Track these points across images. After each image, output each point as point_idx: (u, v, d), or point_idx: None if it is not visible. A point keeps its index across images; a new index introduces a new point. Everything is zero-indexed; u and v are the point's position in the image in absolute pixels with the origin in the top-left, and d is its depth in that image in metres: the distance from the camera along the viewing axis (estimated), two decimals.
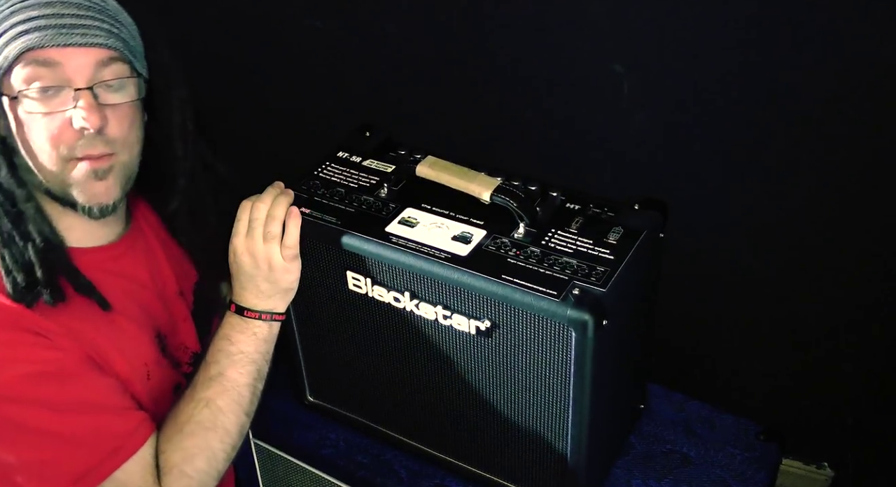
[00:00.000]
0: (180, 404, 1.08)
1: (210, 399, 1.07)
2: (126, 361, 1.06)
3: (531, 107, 1.38)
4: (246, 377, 1.10)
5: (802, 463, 1.53)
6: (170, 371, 1.15)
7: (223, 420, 1.07)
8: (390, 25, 1.40)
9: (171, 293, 1.18)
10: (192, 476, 1.04)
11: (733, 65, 1.19)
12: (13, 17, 0.96)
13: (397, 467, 1.26)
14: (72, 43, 0.96)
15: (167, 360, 1.15)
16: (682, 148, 1.30)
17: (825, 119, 1.17)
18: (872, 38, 1.09)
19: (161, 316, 1.15)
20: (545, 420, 1.07)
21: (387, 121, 1.28)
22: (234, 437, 1.08)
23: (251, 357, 1.11)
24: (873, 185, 1.20)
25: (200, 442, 1.05)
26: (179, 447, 1.04)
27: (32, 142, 0.99)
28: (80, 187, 1.01)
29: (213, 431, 1.06)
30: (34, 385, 0.97)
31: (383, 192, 1.13)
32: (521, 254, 1.02)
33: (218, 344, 1.11)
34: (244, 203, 1.09)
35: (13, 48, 0.95)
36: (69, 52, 0.97)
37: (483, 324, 1.02)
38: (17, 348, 0.97)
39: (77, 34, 0.96)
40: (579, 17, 1.25)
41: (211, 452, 1.05)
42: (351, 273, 1.09)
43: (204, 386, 1.08)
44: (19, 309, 0.97)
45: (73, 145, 0.99)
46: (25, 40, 0.95)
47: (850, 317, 1.34)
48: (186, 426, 1.05)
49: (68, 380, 0.99)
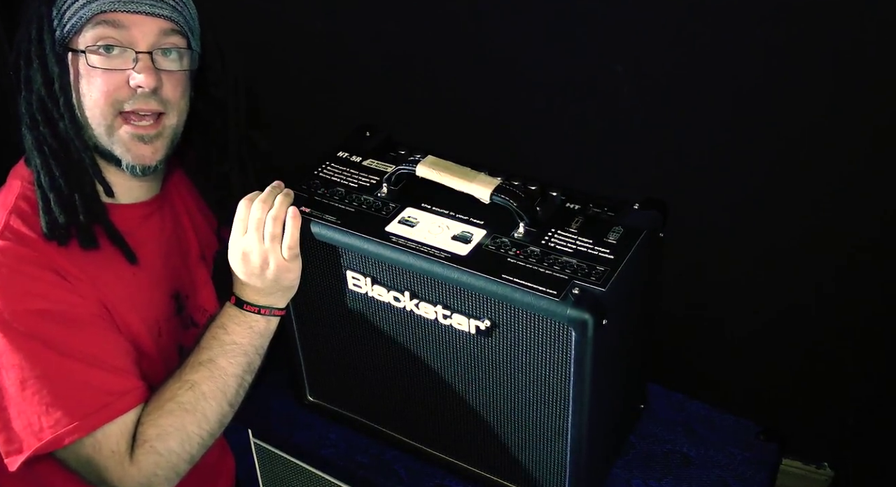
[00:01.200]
0: (168, 381, 1.09)
1: (195, 382, 1.08)
2: (140, 317, 1.11)
3: (531, 107, 1.38)
4: (235, 367, 1.10)
5: (802, 463, 1.53)
6: (180, 331, 1.19)
7: (204, 405, 1.07)
8: (390, 25, 1.40)
9: (195, 256, 1.24)
10: (162, 454, 1.04)
11: (734, 64, 1.19)
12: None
13: (397, 467, 1.26)
14: (140, 10, 1.05)
15: (180, 320, 1.19)
16: (682, 148, 1.30)
17: (826, 119, 1.17)
18: (873, 38, 1.09)
19: (182, 276, 1.21)
20: (545, 421, 1.07)
21: (386, 122, 1.28)
22: (212, 424, 1.08)
23: (244, 348, 1.11)
24: (874, 185, 1.20)
25: (177, 423, 1.05)
26: (156, 423, 1.05)
27: (90, 95, 1.06)
28: (125, 146, 1.09)
29: (191, 414, 1.06)
30: (44, 321, 1.01)
31: (383, 192, 1.13)
32: (521, 254, 1.02)
33: (213, 330, 1.12)
34: (244, 202, 1.09)
35: (87, 10, 1.04)
36: (137, 18, 1.05)
37: (483, 324, 1.02)
38: (38, 283, 1.02)
39: (146, 4, 1.06)
40: (580, 17, 1.25)
41: (186, 434, 1.06)
42: (351, 273, 1.09)
43: (192, 368, 1.09)
44: (48, 248, 1.03)
45: (125, 100, 1.06)
46: (100, 3, 1.04)
47: (850, 317, 1.34)
48: (167, 404, 1.06)
49: (77, 328, 1.03)
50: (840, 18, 1.09)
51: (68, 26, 1.05)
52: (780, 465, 1.28)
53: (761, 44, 1.16)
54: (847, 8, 1.08)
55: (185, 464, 1.07)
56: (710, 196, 1.30)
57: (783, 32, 1.14)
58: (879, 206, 1.21)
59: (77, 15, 1.05)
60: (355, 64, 1.48)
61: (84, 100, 1.07)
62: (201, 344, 1.11)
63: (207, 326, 1.13)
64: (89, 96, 1.07)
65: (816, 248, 1.29)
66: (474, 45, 1.36)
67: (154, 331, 1.13)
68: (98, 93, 1.06)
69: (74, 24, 1.05)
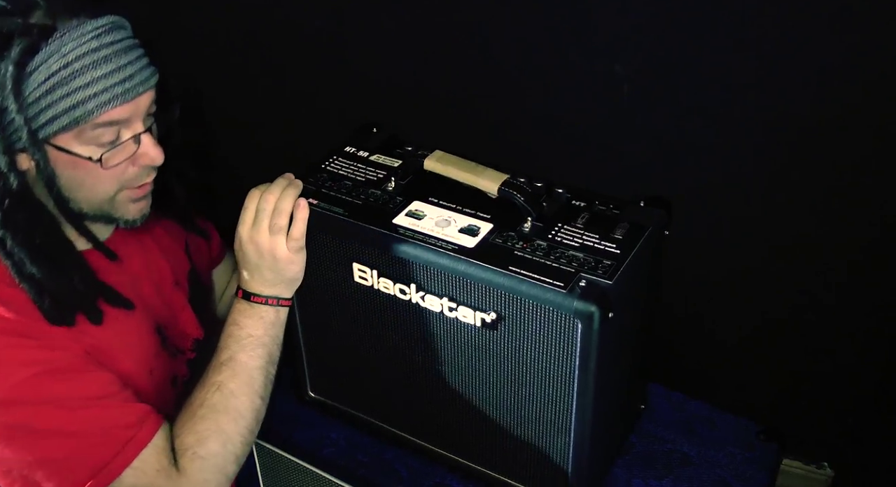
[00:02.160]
0: (194, 390, 1.09)
1: (222, 382, 1.08)
2: (131, 360, 1.08)
3: (533, 107, 1.39)
4: (256, 360, 1.10)
5: (802, 463, 1.52)
6: (170, 362, 1.17)
7: (235, 402, 1.08)
8: (395, 23, 1.41)
9: (168, 284, 1.20)
10: (206, 458, 1.04)
11: (734, 64, 1.20)
12: (71, 83, 0.94)
13: (398, 466, 1.25)
14: (136, 94, 0.99)
15: (167, 352, 1.16)
16: (683, 148, 1.31)
17: (827, 118, 1.18)
18: (874, 38, 1.11)
19: (159, 307, 1.17)
20: (549, 416, 1.07)
21: (391, 121, 1.29)
22: (248, 420, 1.09)
23: (261, 340, 1.11)
24: (875, 185, 1.21)
25: (212, 425, 1.05)
26: (192, 430, 1.05)
27: (89, 187, 1.01)
28: (123, 209, 1.06)
29: (224, 413, 1.06)
30: (41, 385, 0.98)
31: (391, 186, 1.13)
32: (527, 247, 1.03)
33: (227, 329, 1.12)
34: (252, 192, 1.09)
35: (85, 110, 0.95)
36: (133, 105, 0.99)
37: (489, 317, 1.03)
38: (20, 351, 0.98)
39: (139, 84, 0.99)
40: (581, 18, 1.26)
41: (224, 435, 1.06)
42: (357, 264, 1.10)
43: (216, 370, 1.09)
44: (18, 318, 0.98)
45: (132, 179, 1.04)
46: (94, 104, 0.95)
47: (850, 317, 1.34)
48: (199, 410, 1.06)
49: (74, 377, 1.00)
50: (843, 18, 1.10)
51: (45, 121, 0.95)
52: (780, 465, 1.28)
53: (763, 43, 1.17)
54: (849, 7, 1.09)
55: (231, 465, 1.07)
56: (711, 196, 1.31)
57: (784, 32, 1.15)
58: (881, 207, 1.22)
59: (66, 115, 0.95)
60: (358, 64, 1.49)
61: (83, 186, 1.01)
62: (219, 345, 1.12)
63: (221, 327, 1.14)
64: (89, 188, 1.01)
65: (817, 248, 1.29)
66: (477, 47, 1.37)
67: (146, 370, 1.11)
68: (105, 186, 1.02)
69: (61, 124, 0.95)
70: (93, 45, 0.95)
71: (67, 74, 0.93)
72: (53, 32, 0.93)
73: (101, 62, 0.95)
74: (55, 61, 0.93)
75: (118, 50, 0.97)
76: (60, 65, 0.93)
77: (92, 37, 0.95)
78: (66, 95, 0.94)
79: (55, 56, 0.93)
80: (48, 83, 0.93)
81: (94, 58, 0.95)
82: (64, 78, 0.93)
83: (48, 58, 0.93)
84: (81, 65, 0.94)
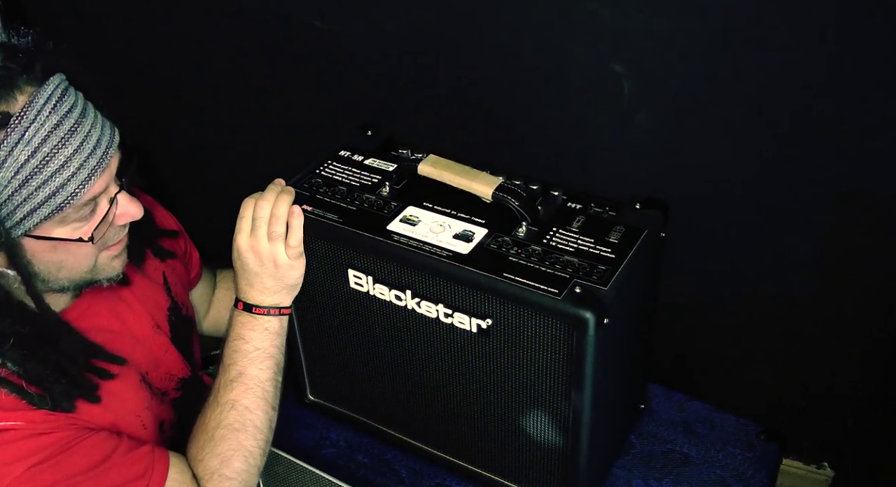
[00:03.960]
0: (206, 411, 1.09)
1: (235, 400, 1.08)
2: (120, 419, 1.03)
3: (532, 107, 1.38)
4: (266, 372, 1.10)
5: (802, 463, 1.53)
6: (158, 408, 1.12)
7: (251, 418, 1.08)
8: (391, 25, 1.40)
9: (147, 330, 1.13)
10: (233, 478, 1.05)
11: (734, 64, 1.19)
12: (45, 170, 0.87)
13: (398, 466, 1.26)
14: (110, 158, 0.93)
15: (156, 399, 1.12)
16: (683, 148, 1.30)
17: (826, 118, 1.18)
18: (874, 38, 1.09)
19: (140, 357, 1.11)
20: (546, 420, 1.07)
21: (388, 122, 1.28)
22: (265, 433, 1.09)
23: (268, 351, 1.11)
24: (874, 185, 1.20)
25: (234, 444, 1.06)
26: (214, 453, 1.05)
27: (67, 264, 0.96)
28: (106, 269, 1.01)
29: (243, 431, 1.07)
30: (38, 476, 0.93)
31: (385, 191, 1.13)
32: (522, 253, 1.02)
33: (232, 344, 1.11)
34: (247, 201, 1.09)
35: (60, 199, 0.89)
36: (109, 171, 0.94)
37: (484, 323, 1.02)
38: (9, 446, 0.92)
39: (108, 146, 0.92)
40: (580, 17, 1.25)
41: (246, 451, 1.06)
42: (352, 271, 1.09)
43: (226, 388, 1.08)
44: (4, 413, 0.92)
45: (111, 238, 0.99)
46: (75, 185, 0.89)
47: (850, 317, 1.34)
48: (217, 431, 1.06)
49: (68, 456, 0.95)
50: (843, 18, 1.09)
51: (24, 215, 0.88)
52: (780, 465, 1.28)
53: (762, 42, 1.16)
54: (849, 7, 1.08)
55: (254, 478, 1.08)
56: (711, 196, 1.30)
57: (784, 32, 1.14)
58: (880, 206, 1.21)
59: (47, 204, 0.88)
60: (357, 64, 1.48)
61: (59, 270, 0.95)
62: (225, 361, 1.11)
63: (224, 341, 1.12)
64: (69, 267, 0.96)
65: (817, 248, 1.29)
66: (475, 46, 1.36)
67: (138, 426, 1.06)
68: (86, 260, 0.97)
69: (42, 214, 0.89)
70: (53, 121, 0.87)
71: (38, 162, 0.86)
72: (9, 119, 0.85)
73: (68, 138, 0.88)
74: (21, 152, 0.85)
75: (77, 116, 0.90)
76: (28, 154, 0.86)
77: (50, 111, 0.87)
78: (42, 184, 0.87)
79: (19, 146, 0.85)
80: (19, 177, 0.86)
81: (60, 135, 0.87)
82: (36, 167, 0.86)
83: (12, 150, 0.85)
84: (50, 148, 0.87)
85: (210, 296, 1.40)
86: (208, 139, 1.70)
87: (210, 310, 1.40)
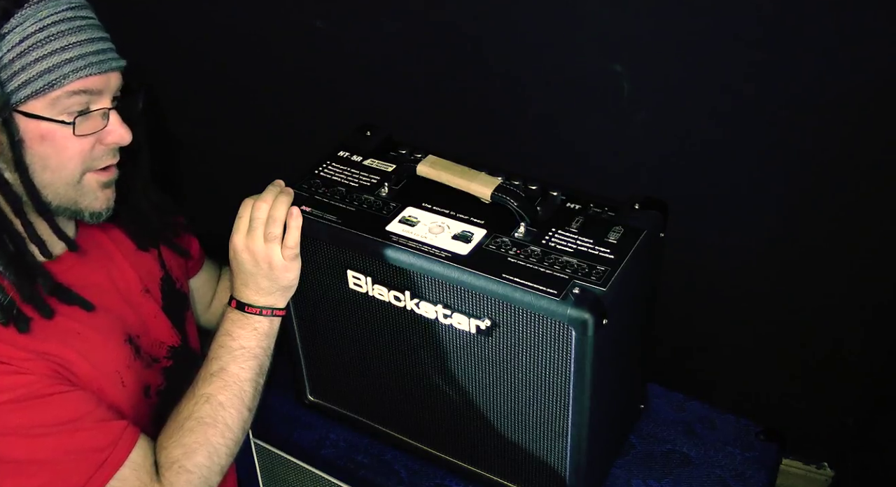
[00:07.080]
0: (182, 401, 1.08)
1: (211, 394, 1.08)
2: (98, 372, 1.05)
3: (531, 107, 1.38)
4: (247, 372, 1.10)
5: (802, 463, 1.53)
6: (143, 372, 1.14)
7: (224, 415, 1.07)
8: (390, 25, 1.40)
9: (136, 292, 1.17)
10: (193, 471, 1.04)
11: (734, 64, 1.19)
12: (46, 46, 0.94)
13: (397, 467, 1.26)
14: (109, 68, 1.00)
15: (141, 362, 1.13)
16: (682, 148, 1.30)
17: (826, 118, 1.17)
18: (875, 38, 1.09)
19: (129, 317, 1.13)
20: (545, 420, 1.07)
21: (387, 122, 1.28)
22: (235, 432, 1.08)
23: (252, 352, 1.11)
24: (874, 185, 1.20)
25: (200, 438, 1.05)
26: (180, 443, 1.04)
27: (53, 164, 0.99)
28: (91, 196, 1.04)
29: (213, 426, 1.06)
30: (6, 415, 0.95)
31: (384, 191, 1.13)
32: (521, 253, 1.02)
33: (219, 339, 1.11)
34: (246, 201, 1.09)
35: (56, 76, 0.95)
36: (105, 78, 1.00)
37: (483, 323, 1.02)
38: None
39: (111, 59, 1.00)
40: (580, 17, 1.25)
41: (212, 447, 1.06)
42: (351, 272, 1.09)
43: (205, 382, 1.09)
44: None
45: (98, 158, 1.02)
46: (73, 69, 0.96)
47: (850, 317, 1.34)
48: (187, 422, 1.06)
49: (40, 404, 0.97)
50: (844, 18, 1.09)
51: (18, 85, 0.94)
52: (780, 465, 1.28)
53: (763, 42, 1.16)
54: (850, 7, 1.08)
55: (216, 476, 1.07)
56: (711, 196, 1.30)
57: (784, 32, 1.14)
58: (880, 206, 1.21)
59: (41, 78, 0.94)
60: (355, 64, 1.48)
61: (51, 163, 0.99)
62: (209, 355, 1.11)
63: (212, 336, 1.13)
64: (55, 168, 0.99)
65: (817, 248, 1.29)
66: (474, 46, 1.36)
67: (117, 383, 1.08)
68: (68, 158, 0.99)
69: (34, 87, 0.94)
70: (68, 15, 0.96)
71: (43, 37, 0.94)
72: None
73: (76, 30, 0.96)
74: (31, 25, 0.93)
75: (91, 24, 0.99)
76: (36, 28, 0.93)
77: (66, 7, 0.96)
78: (41, 58, 0.94)
79: (30, 20, 0.93)
80: (23, 45, 0.93)
81: (70, 26, 0.96)
82: (39, 41, 0.94)
83: (24, 21, 0.93)
84: (58, 30, 0.95)
85: (213, 289, 1.41)
86: (208, 139, 1.70)
87: (213, 303, 1.41)
